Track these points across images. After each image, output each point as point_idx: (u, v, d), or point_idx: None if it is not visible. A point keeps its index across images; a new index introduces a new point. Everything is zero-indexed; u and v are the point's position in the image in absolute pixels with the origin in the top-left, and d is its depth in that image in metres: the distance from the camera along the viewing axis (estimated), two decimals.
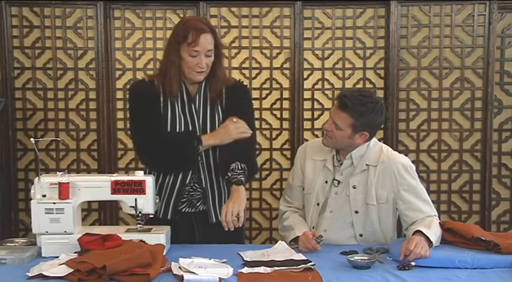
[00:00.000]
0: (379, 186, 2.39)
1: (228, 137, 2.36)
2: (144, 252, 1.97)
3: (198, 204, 2.45)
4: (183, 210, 2.45)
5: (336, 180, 2.44)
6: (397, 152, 2.51)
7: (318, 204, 2.47)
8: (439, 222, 2.31)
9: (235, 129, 2.35)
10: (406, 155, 2.56)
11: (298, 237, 2.32)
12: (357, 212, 2.41)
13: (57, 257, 2.07)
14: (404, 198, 2.38)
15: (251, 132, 2.38)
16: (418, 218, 2.34)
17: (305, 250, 2.25)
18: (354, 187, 2.41)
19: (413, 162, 2.50)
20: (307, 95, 3.61)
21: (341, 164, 2.44)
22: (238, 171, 2.32)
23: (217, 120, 2.43)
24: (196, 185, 2.44)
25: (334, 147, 2.46)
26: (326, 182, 2.46)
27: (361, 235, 2.41)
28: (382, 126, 3.48)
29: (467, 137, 3.61)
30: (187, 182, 2.42)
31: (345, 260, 2.08)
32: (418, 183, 2.42)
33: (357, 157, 2.42)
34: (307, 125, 3.62)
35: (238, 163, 2.32)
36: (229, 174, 2.32)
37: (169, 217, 2.42)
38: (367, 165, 2.41)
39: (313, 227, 2.47)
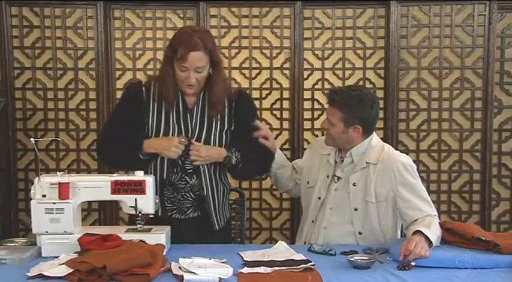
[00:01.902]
0: (379, 184, 2.39)
1: (161, 152, 2.35)
2: (144, 252, 1.97)
3: (188, 212, 2.45)
4: (173, 216, 2.44)
5: (336, 176, 2.45)
6: (398, 152, 2.52)
7: (319, 198, 2.48)
8: (439, 222, 2.31)
9: (174, 148, 2.32)
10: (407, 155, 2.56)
11: None
12: (356, 210, 2.42)
13: (57, 257, 2.07)
14: (403, 196, 2.38)
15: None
16: (418, 217, 2.34)
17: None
18: (354, 184, 2.42)
19: (413, 162, 2.49)
20: (307, 95, 3.61)
21: (342, 161, 2.46)
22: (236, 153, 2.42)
23: (213, 133, 2.41)
24: (187, 194, 2.43)
25: (334, 145, 2.48)
26: (327, 176, 2.48)
27: (360, 233, 2.42)
28: (382, 126, 3.52)
29: (467, 137, 3.60)
30: (165, 176, 2.40)
31: (345, 260, 2.08)
32: (418, 182, 2.41)
33: (357, 155, 2.43)
34: (307, 125, 3.62)
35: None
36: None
37: (160, 214, 2.39)
38: (367, 163, 2.41)
39: (313, 221, 2.48)
